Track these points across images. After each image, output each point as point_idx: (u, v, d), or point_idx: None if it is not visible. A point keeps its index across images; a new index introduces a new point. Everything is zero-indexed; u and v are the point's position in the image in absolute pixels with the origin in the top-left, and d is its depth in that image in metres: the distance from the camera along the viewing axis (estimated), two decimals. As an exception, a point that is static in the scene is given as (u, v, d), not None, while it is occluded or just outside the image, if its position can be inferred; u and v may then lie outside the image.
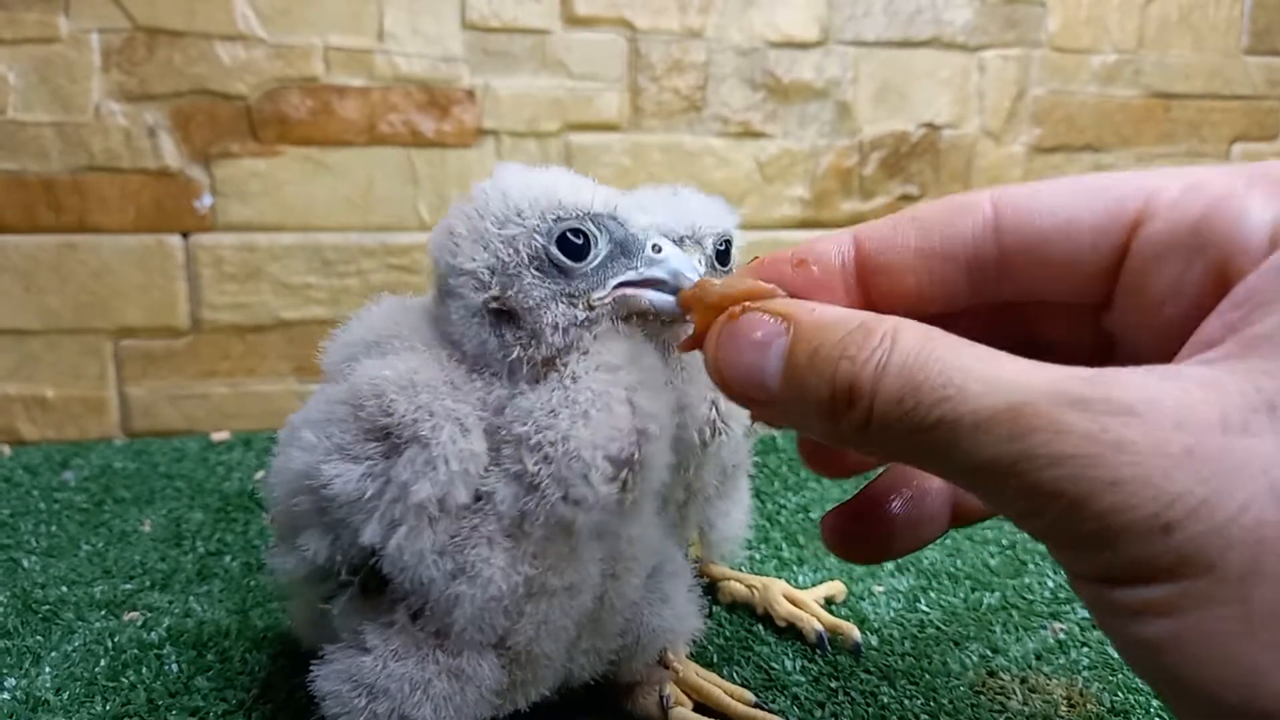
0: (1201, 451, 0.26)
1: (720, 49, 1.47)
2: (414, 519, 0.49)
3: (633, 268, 0.51)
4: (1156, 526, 0.26)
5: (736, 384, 0.37)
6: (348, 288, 1.39)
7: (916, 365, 0.30)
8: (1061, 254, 0.35)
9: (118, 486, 1.13)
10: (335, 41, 1.34)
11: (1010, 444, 0.28)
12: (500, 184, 0.52)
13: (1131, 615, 0.28)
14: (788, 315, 0.36)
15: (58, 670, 0.72)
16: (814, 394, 0.33)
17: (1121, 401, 0.27)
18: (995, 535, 0.98)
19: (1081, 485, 0.26)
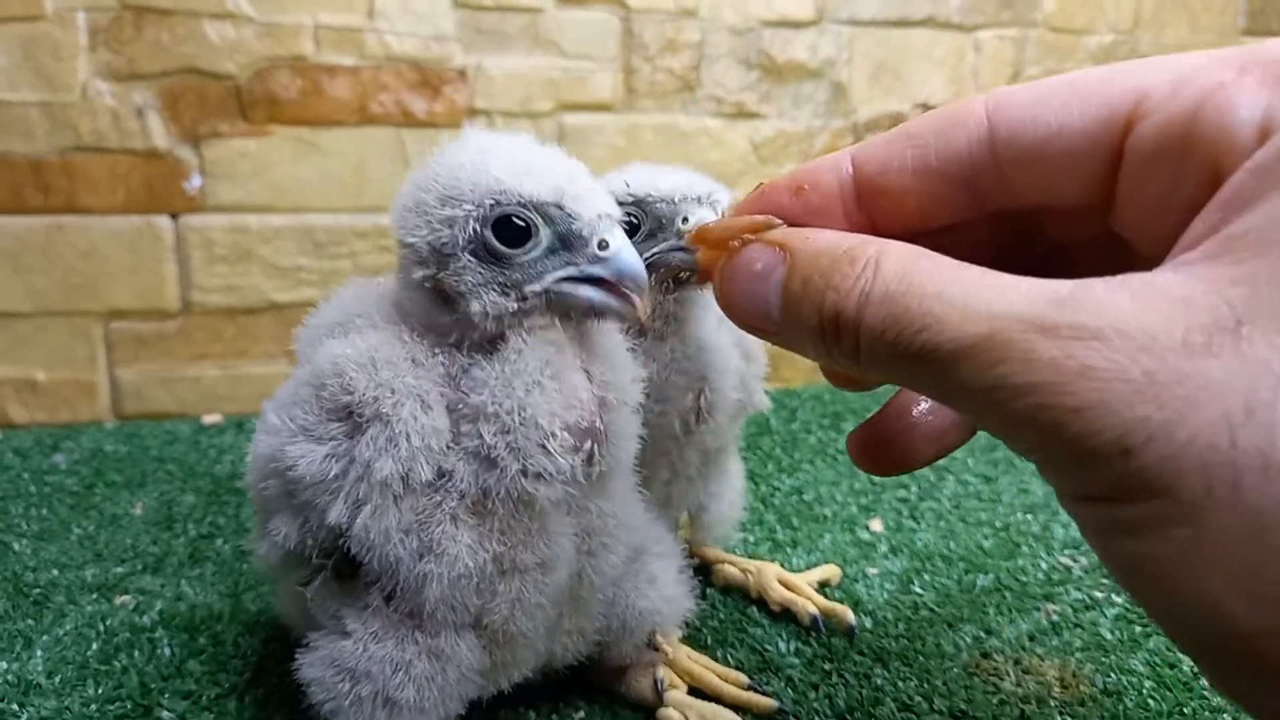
0: (1162, 376, 0.26)
1: (714, 28, 1.45)
2: (378, 497, 0.48)
3: (574, 263, 0.49)
4: (1117, 451, 0.27)
5: (743, 315, 0.38)
6: (339, 269, 1.38)
7: (897, 294, 0.31)
8: (1057, 162, 0.35)
9: (109, 470, 1.13)
10: (325, 20, 1.33)
11: (986, 373, 0.29)
12: (456, 155, 0.51)
13: (1108, 532, 0.29)
14: (785, 245, 0.37)
15: (49, 654, 0.72)
16: (807, 323, 0.35)
17: (1087, 326, 0.28)
18: (989, 518, 0.98)
19: (1050, 413, 0.28)
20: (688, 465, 0.73)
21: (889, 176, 0.38)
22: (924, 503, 1.02)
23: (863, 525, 0.96)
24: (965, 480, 1.08)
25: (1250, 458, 0.25)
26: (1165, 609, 0.29)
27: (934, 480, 1.09)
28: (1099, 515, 0.30)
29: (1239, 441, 0.25)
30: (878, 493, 1.05)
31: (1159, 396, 0.26)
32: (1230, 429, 0.26)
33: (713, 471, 0.77)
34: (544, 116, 1.41)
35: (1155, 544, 0.27)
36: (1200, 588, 0.27)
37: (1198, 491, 0.26)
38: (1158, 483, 0.26)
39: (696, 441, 0.71)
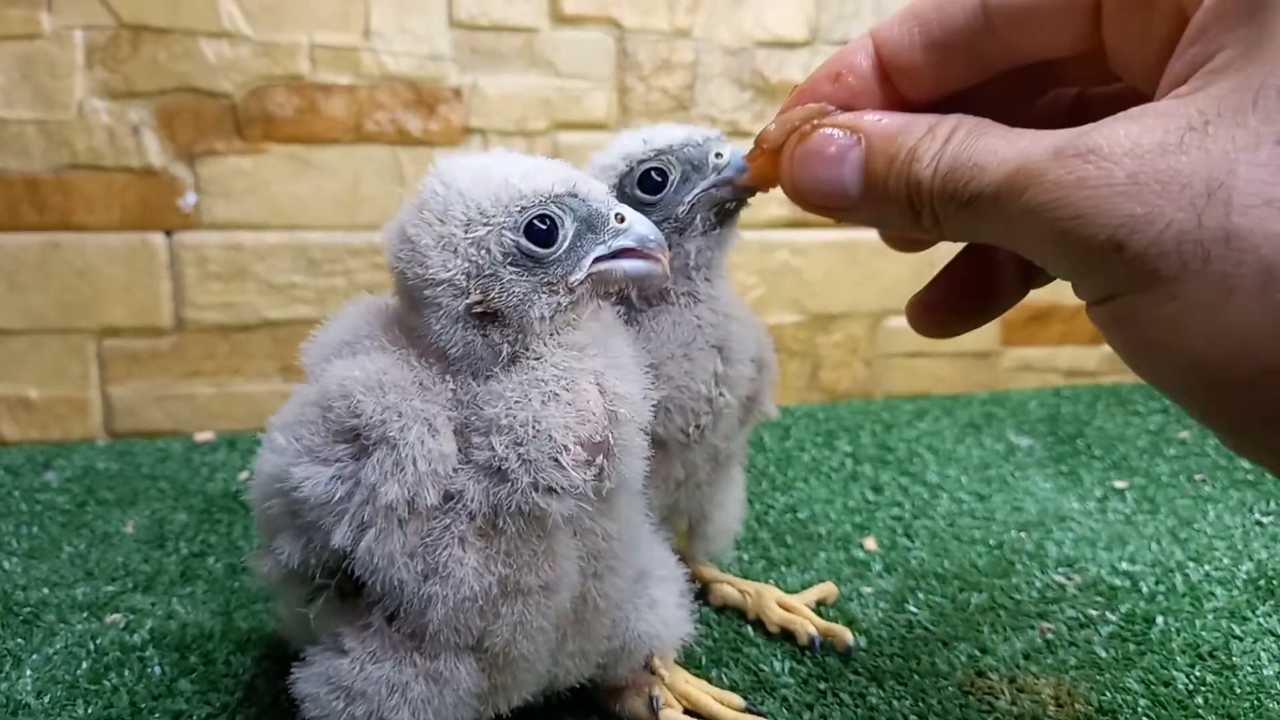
0: (1143, 177, 0.31)
1: (708, 48, 1.46)
2: (383, 521, 0.48)
3: (601, 241, 0.51)
4: (1111, 248, 0.32)
5: (817, 197, 0.41)
6: (334, 287, 1.38)
7: (955, 156, 0.36)
8: (1045, 19, 0.39)
9: (100, 487, 1.12)
10: (321, 39, 1.33)
11: (1015, 203, 0.34)
12: (452, 183, 0.51)
13: (1120, 325, 0.34)
14: (855, 127, 0.40)
15: (39, 673, 0.71)
16: (894, 196, 0.38)
17: (1087, 145, 0.32)
18: (983, 535, 0.98)
19: (1059, 224, 0.33)
20: (699, 469, 0.73)
21: (904, 55, 0.42)
22: (918, 521, 1.02)
23: (857, 544, 0.96)
24: (959, 498, 1.08)
25: (1213, 232, 0.30)
26: (1169, 379, 0.34)
27: (927, 498, 1.09)
28: (1110, 315, 0.34)
29: (1204, 220, 0.30)
30: (871, 511, 1.05)
31: (1140, 195, 0.31)
32: (1196, 211, 0.30)
33: (720, 479, 0.77)
34: (539, 135, 1.41)
35: (1152, 325, 0.32)
36: (1189, 347, 0.32)
37: (1175, 269, 0.31)
38: (1145, 268, 0.31)
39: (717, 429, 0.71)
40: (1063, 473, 1.17)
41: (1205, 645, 0.75)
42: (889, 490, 1.12)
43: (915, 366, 1.61)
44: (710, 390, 0.69)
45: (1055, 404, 1.49)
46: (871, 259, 1.55)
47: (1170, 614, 0.80)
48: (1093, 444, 1.28)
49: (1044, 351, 1.65)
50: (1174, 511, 1.04)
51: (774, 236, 1.51)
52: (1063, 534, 0.98)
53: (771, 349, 0.76)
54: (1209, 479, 1.13)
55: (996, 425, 1.37)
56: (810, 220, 1.52)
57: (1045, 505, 1.06)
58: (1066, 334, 1.65)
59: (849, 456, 1.24)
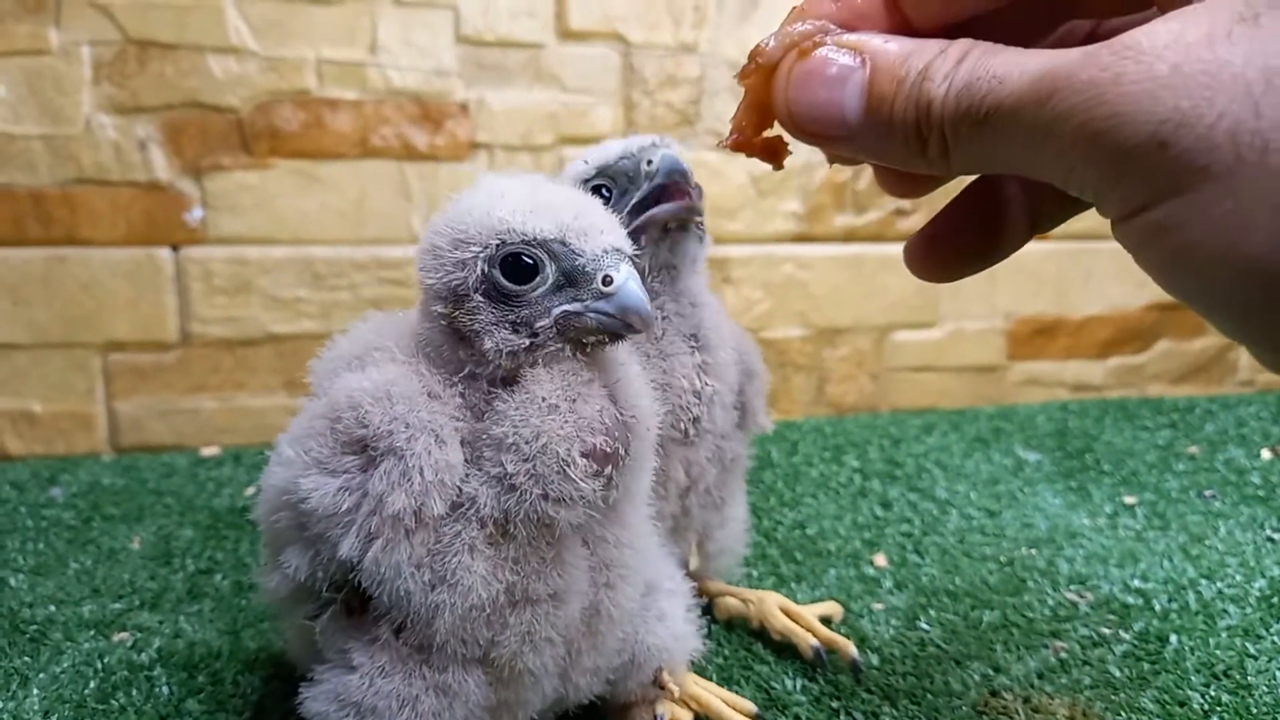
0: (1187, 67, 0.29)
1: (714, 63, 1.47)
2: (390, 531, 0.48)
3: (579, 299, 0.50)
4: (1153, 145, 0.29)
5: (812, 122, 0.38)
6: (339, 301, 1.38)
7: (972, 71, 0.34)
8: None
9: (106, 503, 1.12)
10: (328, 54, 1.33)
11: (1040, 109, 0.31)
12: (469, 198, 0.52)
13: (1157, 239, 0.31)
14: (861, 48, 0.37)
15: (46, 692, 0.71)
16: (901, 120, 0.35)
17: (1125, 44, 0.30)
18: (994, 552, 0.97)
19: (1091, 127, 0.30)
20: (705, 472, 0.73)
21: None
22: (928, 537, 1.01)
23: (867, 560, 0.96)
24: (968, 514, 1.08)
25: (1273, 122, 0.27)
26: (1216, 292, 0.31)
27: (937, 514, 1.08)
28: (1147, 226, 0.31)
29: (1262, 109, 0.28)
30: (881, 527, 1.05)
31: (1186, 87, 0.28)
32: (1253, 101, 0.28)
33: (727, 487, 0.77)
34: (544, 150, 1.42)
35: (1200, 229, 0.29)
36: (1247, 253, 0.29)
37: (1229, 163, 0.28)
38: (1194, 165, 0.28)
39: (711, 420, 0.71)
40: (1072, 488, 1.16)
41: (1220, 664, 0.75)
42: (898, 506, 1.11)
43: (921, 381, 1.60)
44: (694, 382, 0.69)
45: (1063, 419, 1.49)
46: (877, 273, 1.54)
47: (1184, 632, 0.80)
48: (1101, 459, 1.27)
49: (1050, 366, 1.65)
50: (1185, 528, 1.03)
51: (780, 251, 1.51)
52: (1074, 550, 0.97)
53: (758, 357, 0.77)
54: (1219, 494, 1.13)
55: (1004, 440, 1.37)
56: (816, 234, 1.51)
57: (1055, 521, 1.05)
58: (1072, 348, 1.65)
59: (857, 472, 1.24)
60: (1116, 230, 0.33)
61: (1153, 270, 0.33)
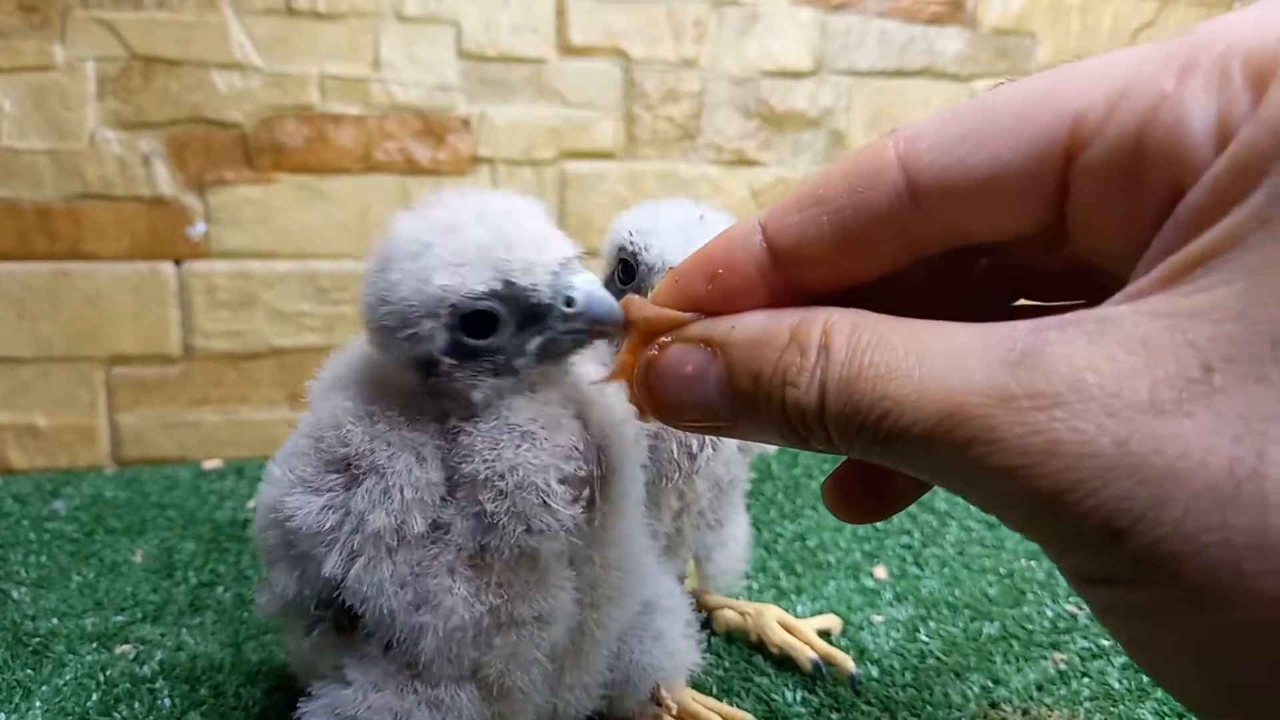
0: (1135, 445, 0.24)
1: (715, 78, 1.48)
2: (371, 549, 0.48)
3: (548, 329, 0.48)
4: (1107, 534, 0.24)
5: (685, 417, 0.36)
6: (342, 315, 1.39)
7: (850, 379, 0.29)
8: (994, 205, 0.31)
9: (109, 516, 1.12)
10: (331, 70, 1.35)
11: (954, 459, 0.27)
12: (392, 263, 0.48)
13: (1123, 618, 0.27)
14: (709, 340, 0.34)
15: (49, 705, 0.71)
16: (771, 421, 0.32)
17: (1045, 393, 0.25)
18: (993, 564, 0.97)
19: (1031, 499, 0.26)
20: (699, 497, 0.72)
21: (809, 249, 0.33)
22: (927, 549, 1.02)
23: (867, 572, 0.96)
24: (968, 526, 1.08)
25: (1247, 537, 0.23)
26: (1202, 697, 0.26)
27: (937, 526, 1.08)
28: (1110, 599, 0.27)
29: (1231, 520, 0.23)
30: (881, 539, 1.05)
31: (1137, 469, 0.24)
32: (1220, 505, 0.23)
33: (724, 508, 0.76)
34: (547, 164, 1.42)
35: (1174, 631, 0.25)
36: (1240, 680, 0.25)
37: (1200, 579, 0.23)
38: (1158, 568, 0.24)
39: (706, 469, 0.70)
40: (1072, 500, 1.16)
41: (1219, 676, 0.75)
42: (897, 518, 1.11)
43: (922, 393, 1.61)
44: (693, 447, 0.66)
45: (1062, 430, 1.48)
46: (877, 286, 1.55)
47: (1183, 644, 0.80)
48: (1101, 471, 1.27)
49: (1050, 378, 1.65)
50: (1184, 539, 1.03)
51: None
52: (1073, 563, 0.97)
53: None
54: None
55: (1004, 452, 1.37)
56: (816, 247, 1.52)
57: (1055, 533, 1.05)
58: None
59: (857, 484, 1.24)
60: (1072, 583, 0.28)
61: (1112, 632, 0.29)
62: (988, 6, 1.56)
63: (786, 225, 0.34)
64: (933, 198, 0.31)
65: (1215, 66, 0.26)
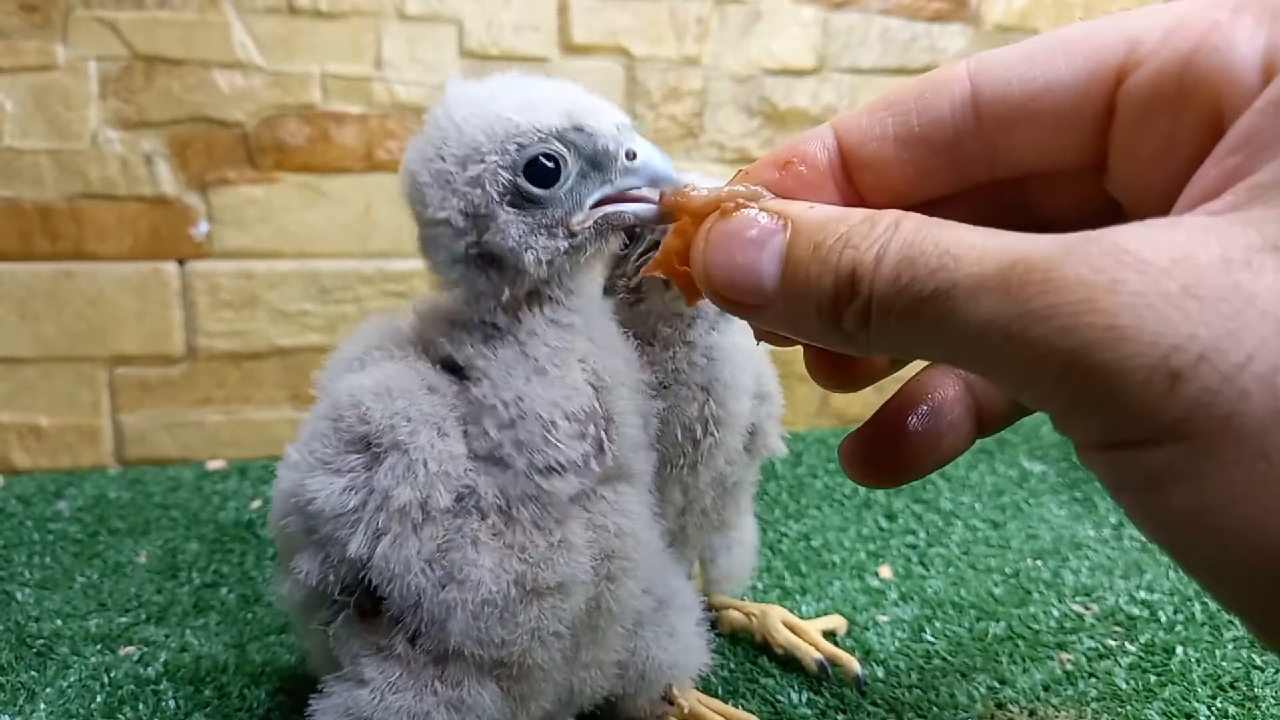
0: (1203, 290, 0.24)
1: (717, 76, 1.47)
2: (397, 526, 0.48)
3: (608, 181, 0.48)
4: (1161, 375, 0.23)
5: (728, 286, 0.35)
6: (345, 314, 1.38)
7: (914, 243, 0.29)
8: (1045, 121, 0.33)
9: (112, 517, 1.12)
10: (333, 69, 1.34)
11: (1004, 304, 0.26)
12: (453, 112, 0.49)
13: (1146, 484, 0.25)
14: (784, 213, 0.34)
15: (53, 707, 0.71)
16: (816, 287, 0.32)
17: (1115, 242, 0.25)
18: (999, 564, 0.97)
19: (1077, 336, 0.24)
20: (702, 494, 0.71)
21: (872, 146, 0.36)
22: (933, 549, 1.01)
23: (872, 572, 0.96)
24: (973, 525, 1.08)
25: None
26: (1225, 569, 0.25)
27: (942, 526, 1.08)
28: (1133, 466, 0.25)
29: None
30: (886, 538, 1.05)
31: (1202, 312, 0.23)
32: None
33: (729, 511, 0.76)
34: (549, 163, 1.42)
35: (1215, 492, 0.24)
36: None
37: (1263, 419, 0.22)
38: (1214, 410, 0.23)
39: (710, 463, 0.69)
40: (1077, 499, 1.16)
41: (1226, 676, 0.74)
42: (902, 518, 1.11)
43: (925, 391, 1.60)
44: (695, 433, 0.66)
45: (1067, 429, 1.48)
46: (881, 284, 1.55)
47: (1190, 644, 0.79)
48: (1106, 470, 1.27)
49: (1054, 376, 1.65)
50: (1190, 538, 1.03)
51: (783, 262, 1.51)
52: (1079, 562, 0.97)
53: (773, 379, 0.73)
54: (1224, 505, 1.12)
55: (1009, 451, 1.36)
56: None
57: (1060, 532, 1.05)
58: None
59: (861, 483, 1.24)
60: (1085, 456, 0.28)
61: (1136, 516, 0.27)
62: (991, 4, 1.55)
63: (855, 124, 0.36)
64: (991, 107, 0.33)
65: (1265, 6, 0.28)
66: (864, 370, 0.41)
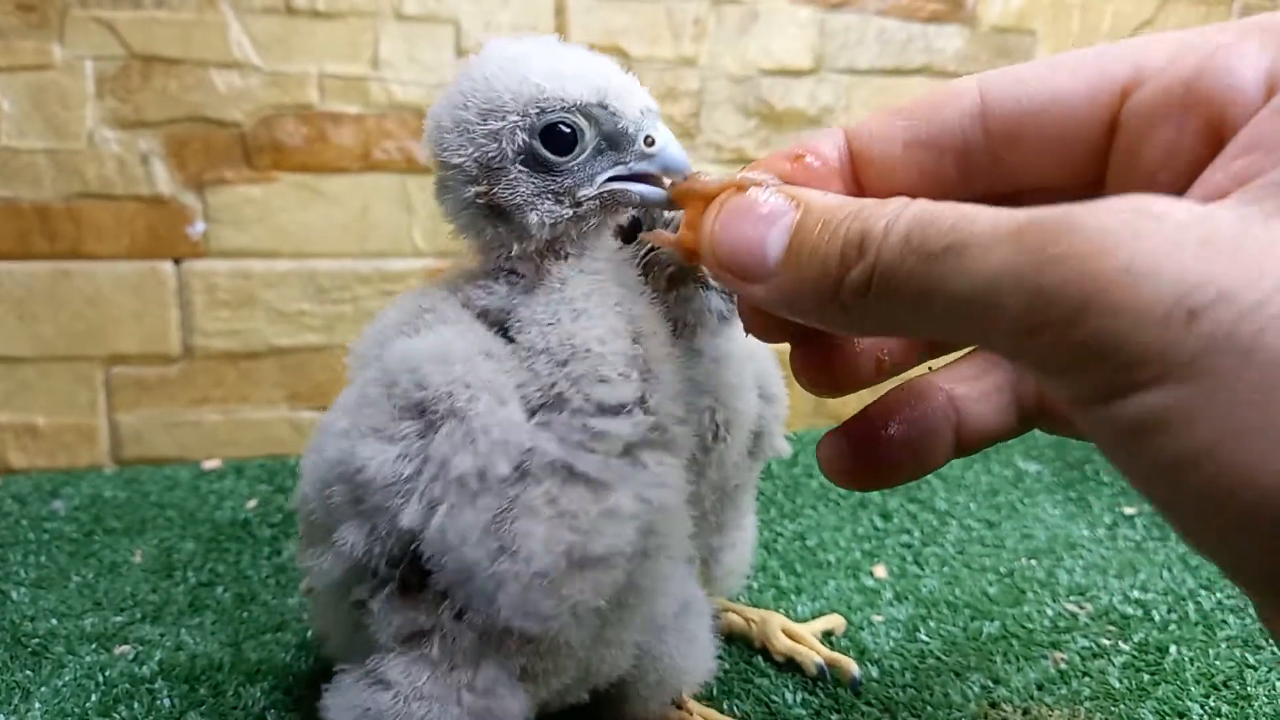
0: (1220, 241, 0.24)
1: (714, 76, 1.47)
2: (455, 495, 0.46)
3: (622, 161, 0.49)
4: (1180, 313, 0.23)
5: (731, 257, 0.36)
6: (342, 314, 1.39)
7: (928, 210, 0.29)
8: (1049, 132, 0.34)
9: (108, 516, 1.12)
10: (331, 69, 1.34)
11: (1018, 252, 0.26)
12: (485, 66, 0.49)
13: (1156, 427, 0.25)
14: (797, 196, 0.35)
15: (48, 706, 0.71)
16: (821, 254, 0.32)
17: (1134, 201, 0.25)
18: (993, 563, 0.97)
19: (1091, 278, 0.24)
20: (703, 499, 0.71)
21: (881, 147, 0.37)
22: (928, 548, 1.02)
23: (867, 571, 0.96)
24: (968, 525, 1.08)
25: None
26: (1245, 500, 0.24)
27: (937, 525, 1.08)
28: (1138, 411, 0.25)
29: None
30: (881, 538, 1.05)
31: (1220, 257, 0.24)
32: None
33: (729, 514, 0.75)
34: (546, 163, 1.42)
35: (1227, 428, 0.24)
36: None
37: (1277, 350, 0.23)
38: (1234, 346, 0.23)
39: (717, 467, 0.69)
40: (1071, 499, 1.16)
41: (1220, 675, 0.75)
42: (897, 517, 1.11)
43: (922, 392, 1.60)
44: (706, 440, 0.66)
45: (1063, 429, 1.48)
46: (877, 285, 1.55)
47: (1183, 643, 0.80)
48: (1100, 469, 1.27)
49: (1050, 376, 1.65)
50: (1185, 538, 1.03)
51: (780, 262, 1.51)
52: (1073, 561, 0.97)
53: (779, 380, 0.73)
54: (1219, 505, 1.13)
55: (1004, 451, 1.37)
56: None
57: (1055, 532, 1.05)
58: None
59: (857, 483, 1.24)
60: (1084, 413, 0.27)
61: (1137, 468, 0.27)
62: (988, 5, 1.56)
63: (865, 127, 0.38)
64: (999, 119, 0.35)
65: (1269, 33, 0.29)
66: (849, 375, 0.41)
